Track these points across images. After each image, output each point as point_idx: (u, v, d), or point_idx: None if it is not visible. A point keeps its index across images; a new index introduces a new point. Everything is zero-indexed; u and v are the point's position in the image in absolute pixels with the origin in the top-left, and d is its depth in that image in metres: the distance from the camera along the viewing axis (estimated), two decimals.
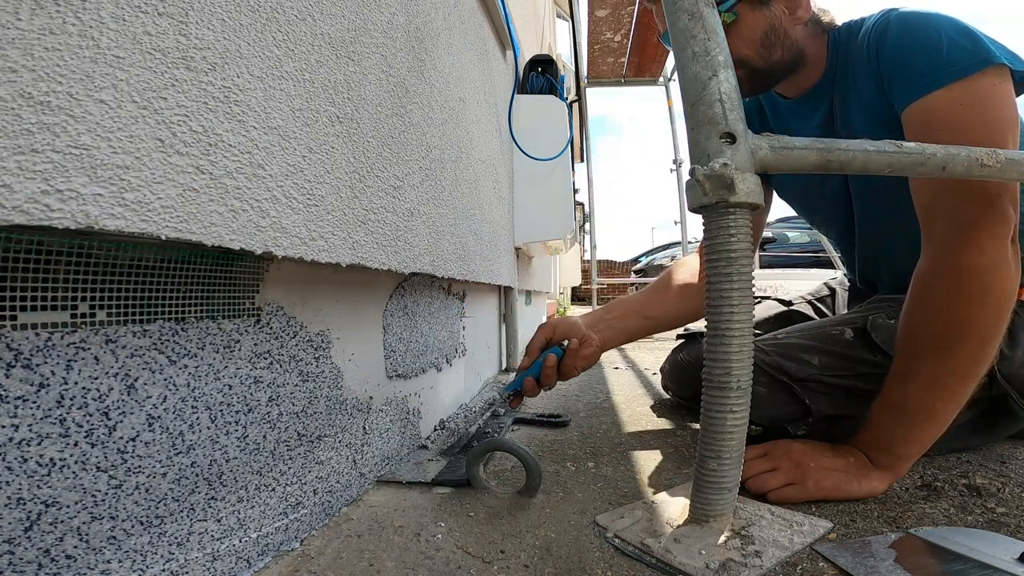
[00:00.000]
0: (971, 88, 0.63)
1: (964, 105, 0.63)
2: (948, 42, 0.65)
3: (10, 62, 0.26)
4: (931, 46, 0.66)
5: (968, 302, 0.61)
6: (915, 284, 0.67)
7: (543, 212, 1.67)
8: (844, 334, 0.80)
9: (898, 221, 0.80)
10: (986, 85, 0.63)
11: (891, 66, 0.70)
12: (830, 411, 0.77)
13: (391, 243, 0.66)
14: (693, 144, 0.52)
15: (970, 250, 0.61)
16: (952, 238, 0.63)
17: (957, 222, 0.63)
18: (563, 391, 1.37)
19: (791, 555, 0.51)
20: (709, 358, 0.53)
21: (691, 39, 0.52)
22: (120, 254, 0.38)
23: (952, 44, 0.65)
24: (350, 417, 0.67)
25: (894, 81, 0.70)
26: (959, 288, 0.62)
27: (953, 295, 0.62)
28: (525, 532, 0.57)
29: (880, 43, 0.72)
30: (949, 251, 0.63)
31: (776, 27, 0.77)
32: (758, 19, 0.76)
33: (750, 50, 0.78)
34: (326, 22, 0.53)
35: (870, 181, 0.84)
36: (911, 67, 0.68)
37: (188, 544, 0.43)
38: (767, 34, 0.77)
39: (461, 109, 1.02)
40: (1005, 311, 0.62)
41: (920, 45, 0.67)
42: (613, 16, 3.37)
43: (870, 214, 0.87)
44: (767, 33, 0.77)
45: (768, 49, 0.78)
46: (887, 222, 0.85)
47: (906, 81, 0.68)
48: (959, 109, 0.63)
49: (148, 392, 0.40)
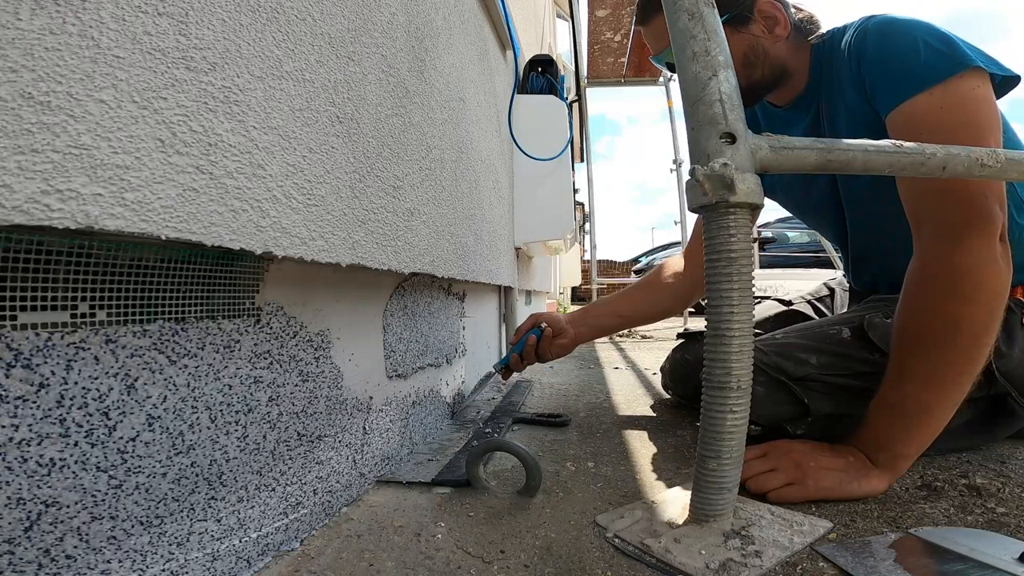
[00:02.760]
0: (951, 91, 0.64)
1: (945, 108, 0.64)
2: (925, 47, 0.66)
3: (10, 62, 0.26)
4: (909, 51, 0.67)
5: (959, 300, 0.62)
6: (907, 284, 0.68)
7: (543, 212, 1.67)
8: (841, 333, 0.80)
9: (889, 224, 0.81)
10: (965, 88, 0.64)
11: (872, 73, 0.72)
12: (829, 410, 0.78)
13: (391, 243, 0.66)
14: (693, 144, 0.52)
15: (959, 249, 0.62)
16: (941, 238, 0.64)
17: (945, 222, 0.64)
18: (563, 391, 1.37)
19: (791, 555, 0.51)
20: (709, 358, 0.53)
21: (691, 39, 0.52)
22: (120, 254, 0.38)
23: (929, 49, 0.65)
24: (350, 417, 0.67)
25: (876, 88, 0.71)
26: (950, 286, 0.63)
27: (945, 293, 0.63)
28: (525, 532, 0.57)
29: (860, 51, 0.73)
30: (938, 251, 0.64)
31: (755, 47, 0.80)
32: (737, 42, 0.79)
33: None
34: (326, 22, 0.53)
35: (857, 186, 0.85)
36: (891, 73, 0.69)
37: (188, 544, 0.43)
38: (747, 55, 0.80)
39: (461, 109, 1.02)
40: (997, 308, 0.62)
41: (898, 50, 0.68)
42: (613, 16, 3.38)
43: (860, 218, 0.88)
44: (747, 54, 0.80)
45: (749, 68, 0.80)
46: (878, 225, 0.85)
47: (887, 87, 0.69)
48: (941, 112, 0.64)
49: (148, 392, 0.40)
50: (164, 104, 0.34)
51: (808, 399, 0.77)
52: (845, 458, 0.67)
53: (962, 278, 0.62)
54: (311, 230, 0.50)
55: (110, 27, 0.31)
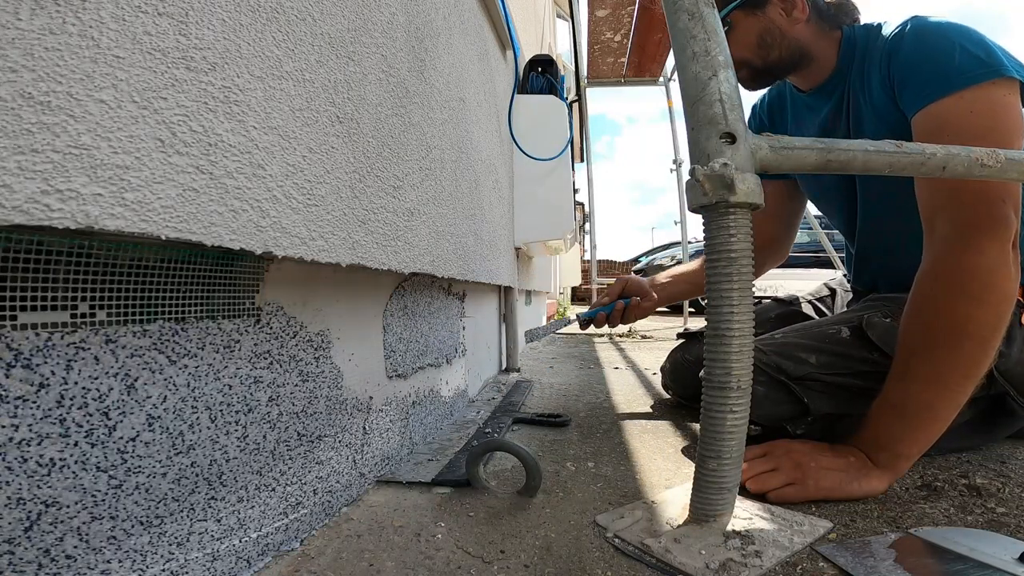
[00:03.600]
0: (982, 96, 0.64)
1: (975, 113, 0.64)
2: (961, 50, 0.66)
3: (10, 62, 0.26)
4: (943, 53, 0.67)
5: (968, 301, 0.62)
6: (917, 284, 0.67)
7: (543, 212, 1.67)
8: (840, 333, 0.80)
9: (897, 221, 0.80)
10: (996, 95, 0.64)
11: (902, 71, 0.72)
12: (829, 409, 0.78)
13: (391, 243, 0.66)
14: (693, 144, 0.52)
15: (971, 251, 0.62)
16: (954, 239, 0.64)
17: (959, 224, 0.64)
18: (563, 391, 1.37)
19: (791, 555, 0.51)
20: (709, 358, 0.53)
21: (691, 39, 0.52)
22: (120, 254, 0.38)
23: (965, 52, 0.66)
24: (350, 417, 0.67)
25: (905, 86, 0.71)
26: (960, 287, 0.62)
27: (954, 294, 0.63)
28: (525, 532, 0.57)
29: (894, 49, 0.73)
30: (950, 251, 0.64)
31: (771, 29, 0.82)
32: (752, 24, 0.82)
33: (749, 52, 0.83)
34: (326, 22, 0.53)
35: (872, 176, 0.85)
36: (922, 73, 0.69)
37: (188, 544, 0.43)
38: (762, 36, 0.82)
39: (461, 109, 1.02)
40: (1005, 312, 0.62)
41: (933, 51, 0.68)
42: (613, 16, 3.37)
43: (871, 208, 0.88)
44: (762, 35, 0.82)
45: (766, 50, 0.83)
46: (886, 220, 0.85)
47: (917, 86, 0.69)
48: (970, 116, 0.64)
49: (148, 392, 0.40)
50: (164, 104, 0.34)
51: (808, 398, 0.77)
52: (846, 458, 0.67)
53: (972, 279, 0.62)
54: (311, 230, 0.50)
55: (110, 27, 0.31)
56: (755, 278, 0.53)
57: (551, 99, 1.68)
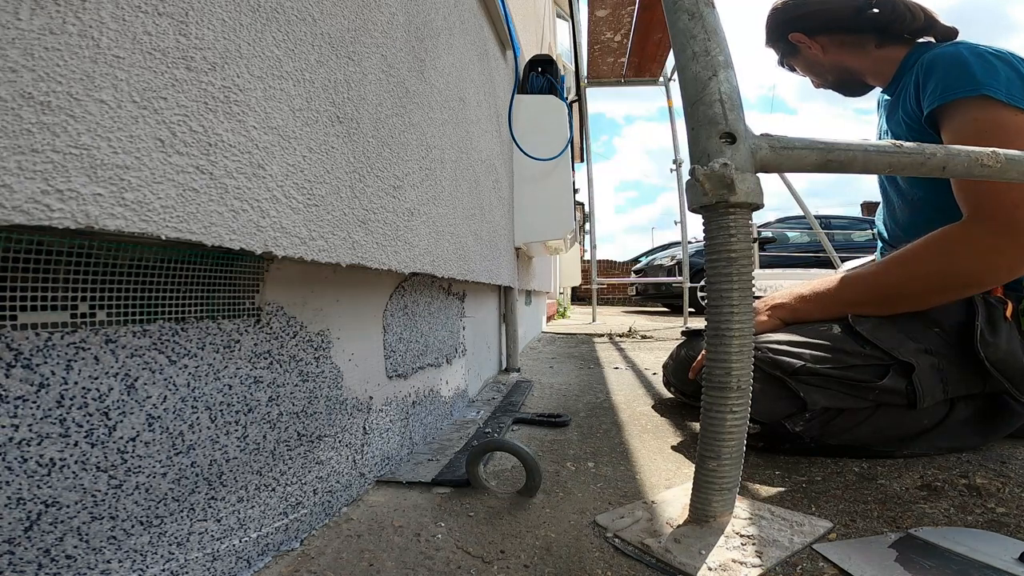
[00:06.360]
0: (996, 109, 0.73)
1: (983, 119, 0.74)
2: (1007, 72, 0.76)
3: (10, 62, 0.26)
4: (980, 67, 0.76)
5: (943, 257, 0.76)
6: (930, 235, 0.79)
7: (543, 212, 1.67)
8: (832, 329, 0.83)
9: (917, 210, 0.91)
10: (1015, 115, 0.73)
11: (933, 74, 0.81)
12: (825, 403, 0.78)
13: (391, 243, 0.66)
14: (693, 144, 0.52)
15: (975, 229, 0.74)
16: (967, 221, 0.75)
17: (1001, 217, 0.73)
18: (563, 391, 1.37)
19: (791, 555, 0.51)
20: (709, 358, 0.53)
21: (691, 39, 0.52)
22: (120, 254, 0.38)
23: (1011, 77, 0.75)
24: (350, 417, 0.67)
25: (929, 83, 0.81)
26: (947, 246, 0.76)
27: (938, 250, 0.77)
28: (525, 532, 0.57)
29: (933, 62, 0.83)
30: (959, 226, 0.76)
31: (811, 63, 1.04)
32: (800, 63, 1.07)
33: (817, 78, 1.07)
34: (326, 22, 0.53)
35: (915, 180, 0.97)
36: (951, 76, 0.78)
37: (188, 544, 0.43)
38: (811, 68, 1.05)
39: (461, 109, 1.02)
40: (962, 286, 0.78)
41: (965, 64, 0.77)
42: (613, 16, 3.37)
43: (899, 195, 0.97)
44: (810, 68, 1.05)
45: (822, 76, 1.05)
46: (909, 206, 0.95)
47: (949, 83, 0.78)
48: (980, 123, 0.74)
49: (148, 392, 0.40)
50: (164, 104, 0.34)
51: (804, 392, 0.78)
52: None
53: (959, 243, 0.75)
54: (311, 230, 0.50)
55: (110, 27, 0.31)
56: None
57: (551, 99, 1.68)
